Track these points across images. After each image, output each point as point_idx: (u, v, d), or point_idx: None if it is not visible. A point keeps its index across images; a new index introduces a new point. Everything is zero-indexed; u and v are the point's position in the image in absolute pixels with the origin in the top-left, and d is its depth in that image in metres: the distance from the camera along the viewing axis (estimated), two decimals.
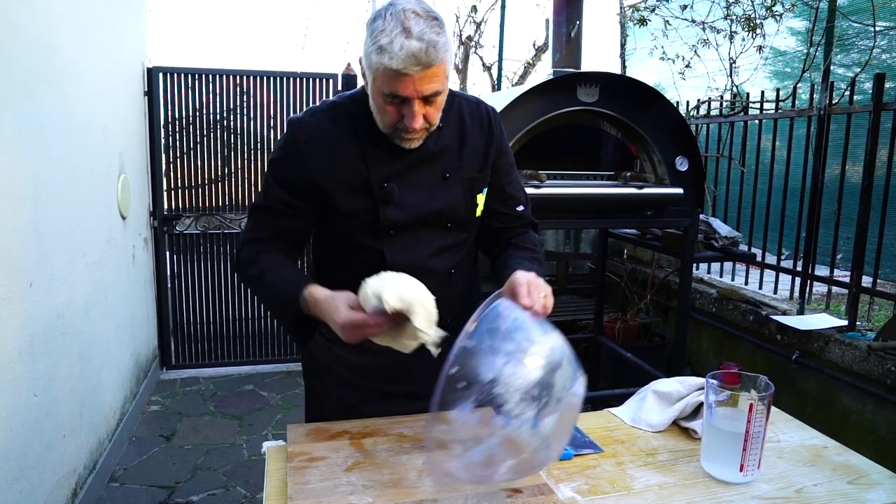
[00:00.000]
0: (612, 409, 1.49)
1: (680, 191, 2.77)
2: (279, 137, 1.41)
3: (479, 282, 1.59)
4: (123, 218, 3.40)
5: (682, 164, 2.79)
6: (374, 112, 1.28)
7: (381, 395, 1.47)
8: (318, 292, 1.23)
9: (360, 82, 1.33)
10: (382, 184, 1.32)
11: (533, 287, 1.11)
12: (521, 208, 1.51)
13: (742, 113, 3.76)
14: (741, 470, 1.15)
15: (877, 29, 3.21)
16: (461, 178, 1.38)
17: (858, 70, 3.17)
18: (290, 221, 1.38)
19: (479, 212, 1.44)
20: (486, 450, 0.98)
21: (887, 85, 2.81)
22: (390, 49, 1.13)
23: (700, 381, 1.41)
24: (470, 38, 6.65)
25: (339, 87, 4.25)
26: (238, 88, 4.13)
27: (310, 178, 1.32)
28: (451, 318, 1.48)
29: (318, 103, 1.42)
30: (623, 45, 5.24)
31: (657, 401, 1.43)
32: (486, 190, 1.44)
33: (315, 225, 1.42)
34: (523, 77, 6.79)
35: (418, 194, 1.35)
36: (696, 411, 1.37)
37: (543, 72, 5.81)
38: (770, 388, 1.16)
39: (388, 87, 1.18)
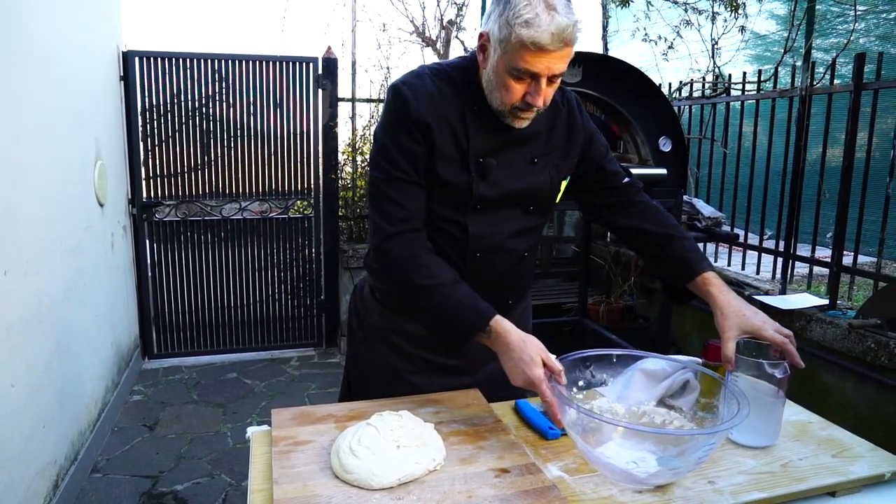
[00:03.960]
0: (599, 389, 1.48)
1: (663, 171, 2.77)
2: (387, 102, 1.36)
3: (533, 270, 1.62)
4: (101, 205, 3.33)
5: (665, 145, 2.79)
6: (491, 87, 1.27)
7: (428, 365, 1.48)
8: (509, 331, 1.24)
9: (431, 57, 1.32)
10: (479, 158, 1.32)
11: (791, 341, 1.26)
12: (627, 180, 1.55)
13: (724, 94, 3.76)
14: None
15: (856, 12, 3.22)
16: (548, 163, 1.41)
17: (839, 52, 3.18)
18: (420, 193, 1.34)
19: (558, 198, 1.47)
20: None
21: (867, 68, 2.82)
22: (538, 23, 1.14)
23: (686, 359, 1.41)
24: (451, 23, 6.59)
25: (320, 71, 4.19)
26: (217, 74, 4.05)
27: (427, 126, 1.29)
28: (512, 299, 1.50)
29: (416, 68, 1.38)
30: (605, 27, 5.22)
31: (644, 379, 1.43)
32: (569, 177, 1.47)
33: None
34: None
35: (509, 174, 1.36)
36: (683, 389, 1.37)
37: None
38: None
39: (522, 62, 1.18)
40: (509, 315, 1.52)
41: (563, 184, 1.46)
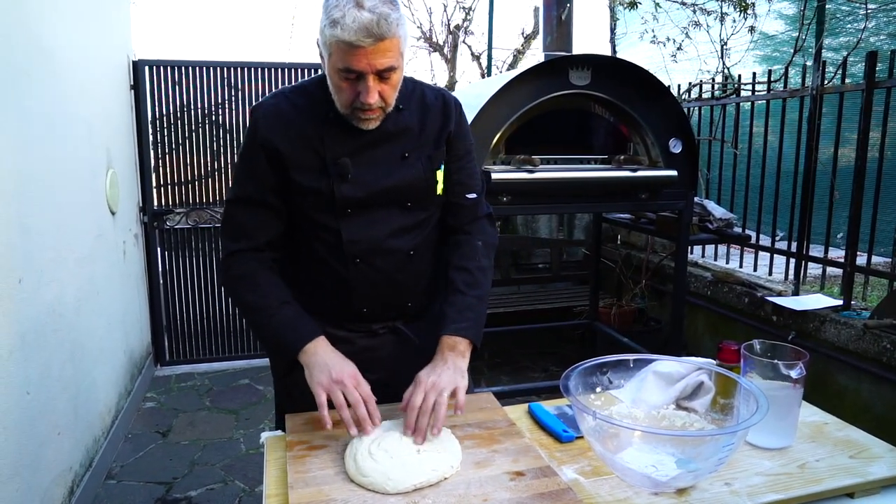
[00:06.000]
0: (613, 391, 1.48)
1: (674, 173, 2.75)
2: (247, 124, 1.41)
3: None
4: (113, 213, 3.36)
5: (675, 147, 2.78)
6: (332, 92, 1.28)
7: None
8: (327, 351, 1.29)
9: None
10: (336, 160, 1.33)
11: (423, 412, 1.18)
12: (472, 195, 1.49)
13: (734, 95, 3.75)
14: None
15: (867, 10, 3.20)
16: (421, 156, 1.39)
17: (849, 51, 3.16)
18: (266, 214, 1.38)
19: (439, 189, 1.43)
20: None
21: (879, 66, 2.80)
22: (342, 21, 1.14)
23: (700, 360, 1.40)
24: (458, 27, 6.61)
25: None
26: (226, 81, 4.08)
27: (274, 149, 1.32)
28: (411, 301, 1.46)
29: (278, 89, 1.42)
30: (613, 30, 5.22)
31: (657, 381, 1.42)
32: (443, 166, 1.44)
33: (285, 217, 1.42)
34: (513, 65, 6.75)
35: (375, 172, 1.35)
36: (697, 390, 1.36)
37: (533, 60, 5.78)
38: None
39: (342, 61, 1.19)
40: (420, 322, 1.49)
41: (440, 174, 1.43)
